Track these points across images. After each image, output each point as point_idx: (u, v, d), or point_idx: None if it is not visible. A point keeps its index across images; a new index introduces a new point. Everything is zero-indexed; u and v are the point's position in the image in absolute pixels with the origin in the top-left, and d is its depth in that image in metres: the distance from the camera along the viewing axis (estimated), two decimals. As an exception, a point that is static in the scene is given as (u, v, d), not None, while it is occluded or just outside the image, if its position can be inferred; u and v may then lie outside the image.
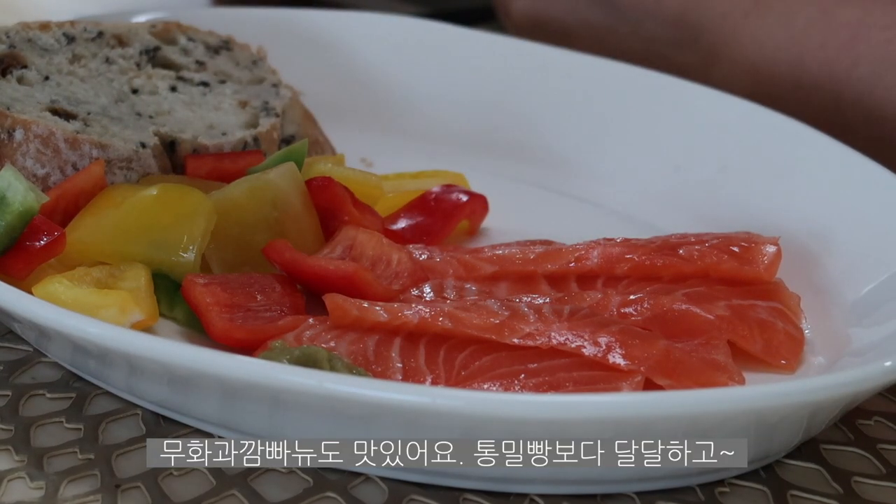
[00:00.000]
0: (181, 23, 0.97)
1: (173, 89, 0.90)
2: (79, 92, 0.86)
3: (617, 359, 0.68)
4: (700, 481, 0.64)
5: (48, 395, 0.68)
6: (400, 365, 0.69)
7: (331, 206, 0.81)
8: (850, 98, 0.99)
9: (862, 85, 0.99)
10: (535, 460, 0.60)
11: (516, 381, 0.67)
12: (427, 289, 0.77)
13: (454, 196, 0.88)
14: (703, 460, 0.62)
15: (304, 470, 0.63)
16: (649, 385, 0.68)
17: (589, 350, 0.68)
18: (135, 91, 0.89)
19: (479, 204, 0.89)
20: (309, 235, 0.79)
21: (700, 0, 1.08)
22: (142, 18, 0.98)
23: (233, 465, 0.62)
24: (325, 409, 0.60)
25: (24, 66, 0.87)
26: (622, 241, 0.81)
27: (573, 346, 0.68)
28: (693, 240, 0.80)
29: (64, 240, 0.73)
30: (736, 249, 0.78)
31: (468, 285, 0.78)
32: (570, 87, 1.02)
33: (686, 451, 0.61)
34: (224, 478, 0.63)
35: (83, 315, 0.63)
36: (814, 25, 1.02)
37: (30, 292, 0.69)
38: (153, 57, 0.93)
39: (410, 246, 0.82)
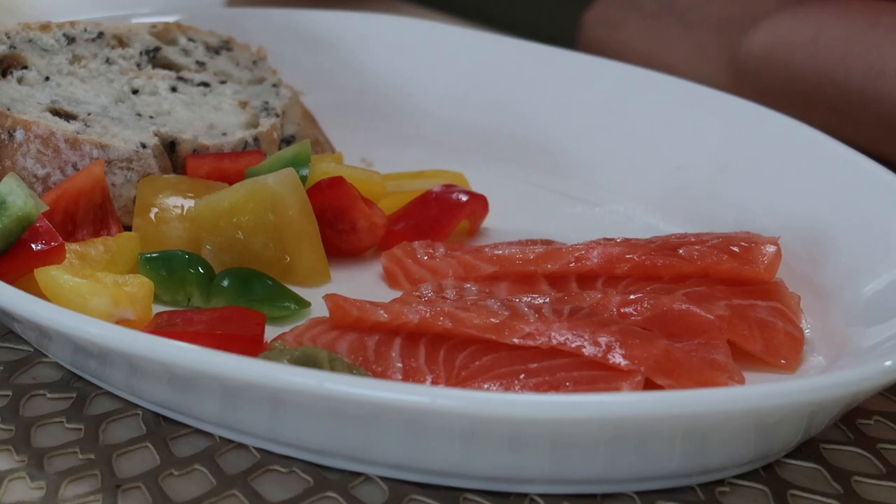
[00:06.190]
0: (181, 23, 0.97)
1: (174, 89, 0.91)
2: (79, 92, 0.86)
3: (617, 359, 0.68)
4: (700, 481, 0.64)
5: (49, 395, 0.68)
6: (400, 365, 0.69)
7: (342, 204, 0.81)
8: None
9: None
10: (535, 460, 0.60)
11: (516, 381, 0.67)
12: (427, 289, 0.77)
13: (454, 196, 0.88)
14: (703, 460, 0.63)
15: (304, 470, 0.63)
16: (649, 385, 0.68)
17: (589, 350, 0.68)
18: (135, 91, 0.89)
19: (479, 204, 0.89)
20: (306, 240, 0.80)
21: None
22: (142, 19, 0.98)
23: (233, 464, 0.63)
24: (325, 409, 0.60)
25: (25, 67, 0.87)
26: (622, 241, 0.81)
27: (573, 346, 0.68)
28: (693, 240, 0.80)
29: (63, 249, 0.73)
30: (736, 249, 0.78)
31: (468, 285, 0.78)
32: (570, 87, 1.02)
33: (686, 451, 0.61)
34: (224, 478, 0.63)
35: (83, 315, 0.63)
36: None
37: (32, 293, 0.69)
38: (153, 57, 0.93)
39: (416, 243, 0.82)
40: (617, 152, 0.98)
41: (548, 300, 0.74)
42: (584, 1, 1.33)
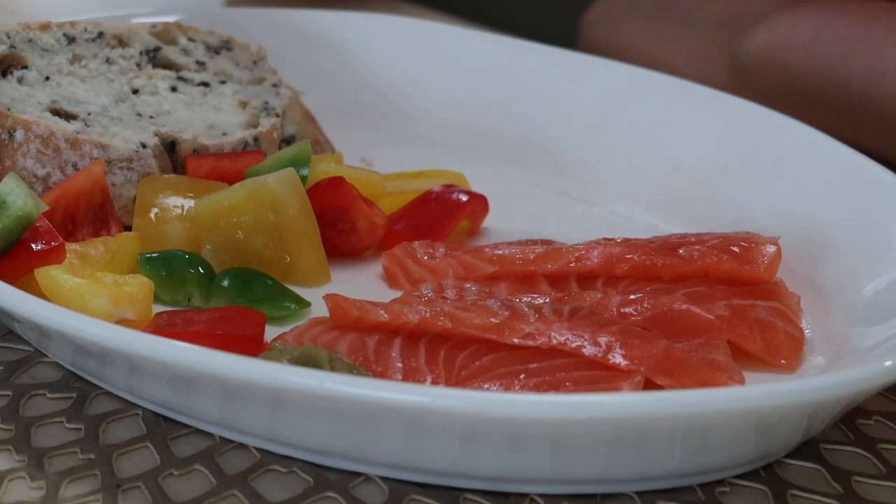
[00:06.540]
0: (181, 23, 0.97)
1: (174, 89, 0.91)
2: (79, 92, 0.86)
3: (617, 359, 0.68)
4: (700, 481, 0.64)
5: (49, 395, 0.68)
6: (400, 365, 0.69)
7: (342, 204, 0.81)
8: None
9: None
10: (535, 460, 0.60)
11: (516, 381, 0.67)
12: (427, 289, 0.77)
13: (454, 196, 0.88)
14: (703, 460, 0.63)
15: (304, 470, 0.63)
16: (649, 385, 0.68)
17: (589, 350, 0.68)
18: (135, 91, 0.89)
19: (479, 204, 0.89)
20: (306, 240, 0.80)
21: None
22: (142, 19, 0.98)
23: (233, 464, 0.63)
24: (325, 409, 0.60)
25: (25, 67, 0.87)
26: (622, 241, 0.81)
27: (573, 346, 0.68)
28: (693, 240, 0.80)
29: (63, 249, 0.73)
30: (736, 249, 0.78)
31: (468, 285, 0.78)
32: (570, 87, 1.02)
33: (686, 451, 0.61)
34: (224, 477, 0.63)
35: (83, 315, 0.63)
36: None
37: (32, 293, 0.69)
38: (153, 57, 0.93)
39: (416, 243, 0.82)
40: (617, 152, 0.98)
41: (548, 300, 0.74)
42: (584, 1, 1.33)
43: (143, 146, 0.82)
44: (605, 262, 0.79)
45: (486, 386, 0.67)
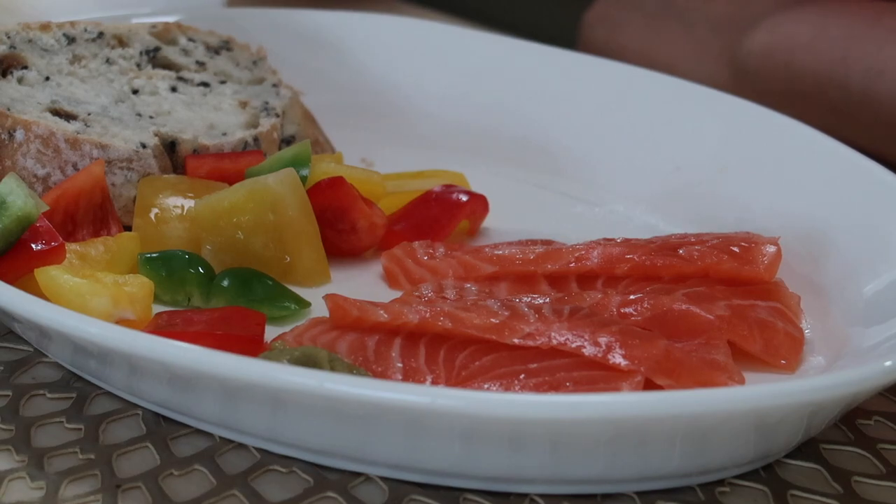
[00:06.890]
0: (181, 23, 0.97)
1: (174, 90, 0.91)
2: (79, 92, 0.86)
3: (617, 359, 0.68)
4: (700, 481, 0.64)
5: (49, 395, 0.68)
6: (400, 365, 0.69)
7: (342, 204, 0.81)
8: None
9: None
10: (535, 460, 0.60)
11: (516, 381, 0.67)
12: (427, 289, 0.77)
13: (454, 196, 0.88)
14: (703, 460, 0.63)
15: (304, 470, 0.63)
16: (649, 385, 0.68)
17: (589, 350, 0.68)
18: (135, 91, 0.89)
19: (479, 204, 0.89)
20: (306, 240, 0.80)
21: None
22: (142, 19, 0.98)
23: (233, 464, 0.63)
24: (325, 409, 0.60)
25: (25, 67, 0.87)
26: (622, 241, 0.81)
27: (573, 346, 0.68)
28: (693, 240, 0.80)
29: (63, 249, 0.73)
30: (736, 249, 0.78)
31: (468, 285, 0.78)
32: (570, 87, 1.02)
33: (686, 451, 0.61)
34: (224, 478, 0.63)
35: (83, 315, 0.63)
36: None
37: (32, 293, 0.69)
38: (153, 57, 0.93)
39: (416, 243, 0.82)
40: (617, 152, 0.98)
41: (548, 300, 0.74)
42: (584, 1, 1.33)
43: (143, 146, 0.83)
44: (605, 262, 0.79)
45: (486, 386, 0.67)
